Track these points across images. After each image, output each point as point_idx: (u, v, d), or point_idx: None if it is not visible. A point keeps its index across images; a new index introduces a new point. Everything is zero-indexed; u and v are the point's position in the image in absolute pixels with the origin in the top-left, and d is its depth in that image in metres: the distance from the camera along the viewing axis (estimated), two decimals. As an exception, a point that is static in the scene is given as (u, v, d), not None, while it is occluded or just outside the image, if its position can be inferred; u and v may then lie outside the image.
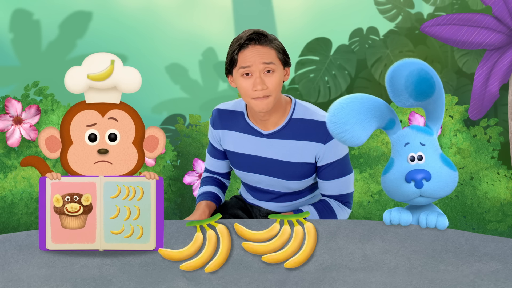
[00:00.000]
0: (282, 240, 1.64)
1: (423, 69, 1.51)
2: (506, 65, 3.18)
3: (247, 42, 1.86)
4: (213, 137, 2.10)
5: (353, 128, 1.59)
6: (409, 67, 1.52)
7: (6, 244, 1.66)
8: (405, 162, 1.60)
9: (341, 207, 2.02)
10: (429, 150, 1.59)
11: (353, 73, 3.92)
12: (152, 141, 1.67)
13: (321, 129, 1.91)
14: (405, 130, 1.63)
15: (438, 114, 1.60)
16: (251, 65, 1.85)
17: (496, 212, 3.24)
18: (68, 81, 1.61)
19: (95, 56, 1.62)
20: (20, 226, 3.19)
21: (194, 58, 4.09)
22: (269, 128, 1.97)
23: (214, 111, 2.09)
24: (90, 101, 1.63)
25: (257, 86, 1.84)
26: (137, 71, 1.63)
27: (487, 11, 3.43)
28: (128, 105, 1.66)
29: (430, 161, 1.58)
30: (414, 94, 1.53)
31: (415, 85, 1.52)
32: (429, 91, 1.52)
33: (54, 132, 1.64)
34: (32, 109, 3.11)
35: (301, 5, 4.10)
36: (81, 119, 1.63)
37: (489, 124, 3.33)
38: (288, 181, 2.00)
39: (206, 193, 2.13)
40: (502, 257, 1.57)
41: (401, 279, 1.56)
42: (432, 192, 1.57)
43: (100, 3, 3.99)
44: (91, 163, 1.62)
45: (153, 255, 1.63)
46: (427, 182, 1.56)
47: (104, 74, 1.60)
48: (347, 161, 1.98)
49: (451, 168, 1.59)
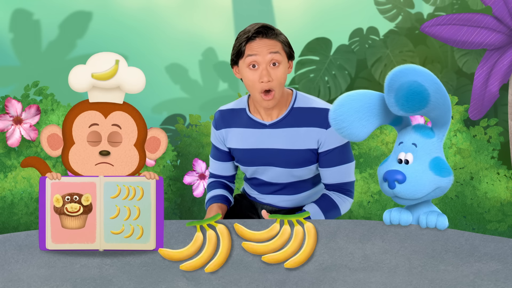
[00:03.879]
0: (282, 240, 1.64)
1: (415, 81, 1.46)
2: (506, 65, 3.18)
3: (255, 35, 1.92)
4: (217, 138, 2.13)
5: (351, 125, 1.60)
6: (400, 80, 1.47)
7: (6, 244, 1.66)
8: (394, 161, 1.60)
9: (343, 198, 2.04)
10: (420, 152, 1.58)
11: (353, 73, 3.92)
12: (154, 142, 1.68)
13: (322, 115, 1.96)
14: (406, 129, 1.63)
15: (443, 121, 1.57)
16: (258, 54, 1.90)
17: (496, 212, 3.24)
18: (72, 79, 1.61)
19: (100, 55, 1.62)
20: (20, 226, 3.19)
21: (194, 58, 4.09)
22: (271, 118, 2.01)
23: (216, 113, 2.13)
24: (93, 100, 1.63)
25: (263, 78, 1.90)
26: (141, 72, 1.63)
27: (487, 11, 3.43)
28: (131, 106, 1.66)
29: (415, 165, 1.57)
30: (406, 107, 1.50)
31: (405, 98, 1.48)
32: (422, 102, 1.48)
33: (56, 130, 1.64)
34: (32, 109, 3.11)
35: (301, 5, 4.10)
36: (84, 120, 1.63)
37: (489, 124, 3.33)
38: (293, 169, 2.03)
39: (216, 197, 2.14)
40: (502, 257, 1.57)
41: (401, 279, 1.56)
42: (405, 195, 1.56)
43: (100, 3, 3.99)
44: (92, 164, 1.63)
45: (153, 255, 1.63)
46: (400, 185, 1.56)
47: (108, 73, 1.60)
48: (348, 149, 2.02)
49: (439, 173, 1.56)
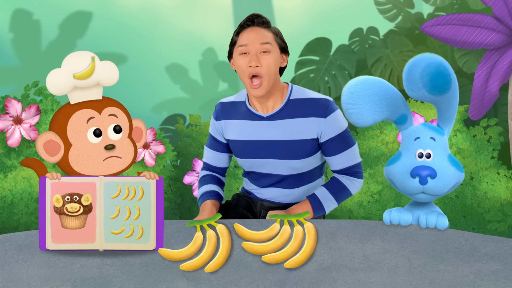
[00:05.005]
0: (282, 240, 1.64)
1: (442, 64, 1.52)
2: (506, 65, 3.18)
3: (246, 24, 1.99)
4: (216, 129, 2.16)
5: (363, 106, 1.60)
6: (429, 59, 1.52)
7: (6, 244, 1.66)
8: (412, 157, 1.60)
9: (351, 180, 2.07)
10: (438, 148, 1.59)
11: (353, 73, 3.92)
12: (137, 132, 1.70)
13: (319, 105, 2.00)
14: (417, 126, 1.64)
15: (450, 115, 1.60)
16: (248, 44, 1.97)
17: (496, 212, 3.24)
18: (52, 84, 1.59)
19: (74, 55, 1.62)
20: (20, 226, 3.19)
21: (194, 58, 4.10)
22: (267, 110, 2.05)
23: (217, 105, 2.17)
24: (75, 101, 1.62)
25: (251, 63, 1.95)
26: (113, 64, 1.65)
27: (487, 11, 3.43)
28: (114, 100, 1.66)
29: (438, 160, 1.58)
30: (428, 85, 1.53)
31: (431, 76, 1.52)
32: (444, 86, 1.52)
33: (51, 136, 1.61)
34: (32, 109, 3.11)
35: (301, 5, 4.10)
36: (78, 120, 1.62)
37: (489, 124, 3.33)
38: (291, 161, 2.04)
39: (209, 192, 2.16)
40: (502, 257, 1.57)
41: (401, 279, 1.56)
42: (435, 190, 1.57)
43: (100, 3, 3.99)
44: (99, 160, 1.62)
45: (153, 255, 1.63)
46: (432, 180, 1.57)
47: (88, 71, 1.60)
48: (348, 133, 2.04)
49: (458, 168, 1.60)
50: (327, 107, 1.99)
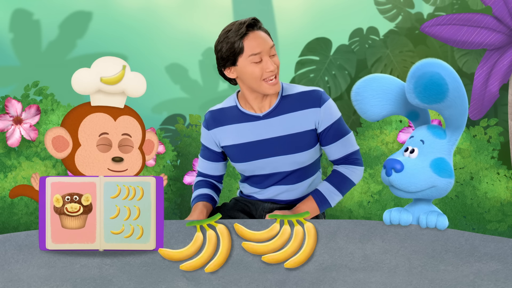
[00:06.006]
0: (282, 240, 1.64)
1: (438, 73, 1.47)
2: (506, 65, 3.18)
3: (250, 29, 1.98)
4: (208, 139, 2.15)
5: (370, 101, 1.64)
6: (424, 69, 1.49)
7: (6, 244, 1.66)
8: (400, 152, 1.62)
9: (351, 169, 2.11)
10: (426, 149, 1.58)
11: (353, 73, 3.92)
12: (149, 145, 1.72)
13: (312, 96, 2.05)
14: (421, 126, 1.64)
15: (457, 123, 1.57)
16: (261, 51, 1.98)
17: (496, 212, 3.24)
18: (76, 82, 1.60)
19: (106, 59, 1.63)
20: (20, 226, 3.19)
21: (194, 58, 4.10)
22: (265, 109, 2.07)
23: (207, 114, 2.16)
24: (96, 104, 1.63)
25: (270, 67, 1.98)
26: (143, 76, 1.65)
27: (487, 11, 3.43)
28: (133, 110, 1.67)
29: (418, 159, 1.57)
30: (420, 97, 1.51)
31: (423, 87, 1.49)
32: (437, 96, 1.49)
33: (61, 132, 1.63)
34: (32, 109, 3.11)
35: (301, 5, 4.10)
36: (92, 123, 1.62)
37: (489, 124, 3.33)
38: (295, 154, 2.05)
39: (201, 195, 2.17)
40: (502, 257, 1.57)
41: (401, 279, 1.56)
42: (399, 184, 1.56)
43: (100, 3, 3.99)
44: (104, 168, 1.63)
45: (153, 255, 1.63)
46: (396, 173, 1.56)
47: (116, 78, 1.61)
48: (343, 122, 2.10)
49: (437, 172, 1.56)
50: (320, 97, 2.04)
